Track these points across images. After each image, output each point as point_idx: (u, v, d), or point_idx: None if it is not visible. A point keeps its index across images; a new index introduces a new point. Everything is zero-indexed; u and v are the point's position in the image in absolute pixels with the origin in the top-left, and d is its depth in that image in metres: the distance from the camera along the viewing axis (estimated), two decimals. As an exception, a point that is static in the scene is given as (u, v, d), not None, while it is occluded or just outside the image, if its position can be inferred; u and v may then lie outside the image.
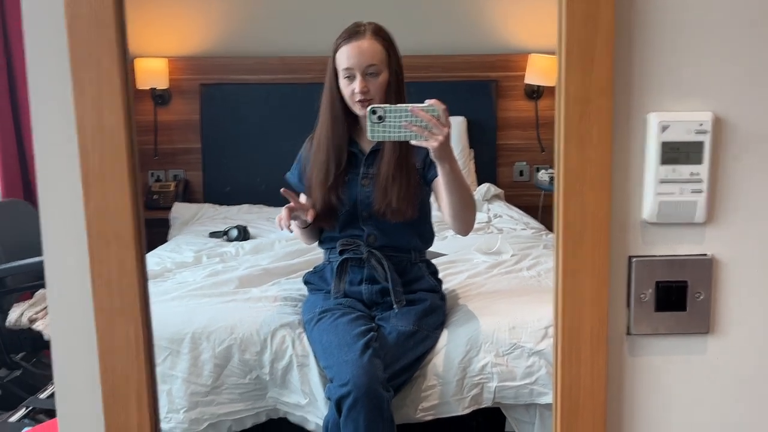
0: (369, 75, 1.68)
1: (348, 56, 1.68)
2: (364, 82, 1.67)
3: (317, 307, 1.77)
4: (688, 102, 0.81)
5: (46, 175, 0.82)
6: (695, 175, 0.82)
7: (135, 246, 0.82)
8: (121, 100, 0.78)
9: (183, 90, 3.42)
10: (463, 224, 1.72)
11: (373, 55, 1.68)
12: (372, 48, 1.69)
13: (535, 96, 3.41)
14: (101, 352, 0.85)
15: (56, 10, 0.77)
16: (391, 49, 1.72)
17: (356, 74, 1.68)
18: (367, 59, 1.68)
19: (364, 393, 1.54)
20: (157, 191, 3.31)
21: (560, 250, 0.83)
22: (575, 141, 0.80)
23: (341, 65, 1.69)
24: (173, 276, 2.16)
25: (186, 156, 3.44)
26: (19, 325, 2.26)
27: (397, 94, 1.71)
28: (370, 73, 1.68)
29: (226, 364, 1.72)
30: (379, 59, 1.69)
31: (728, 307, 0.86)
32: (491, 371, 1.71)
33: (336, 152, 1.73)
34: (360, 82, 1.67)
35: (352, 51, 1.68)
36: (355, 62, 1.67)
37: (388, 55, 1.71)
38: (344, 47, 1.69)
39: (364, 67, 1.68)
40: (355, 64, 1.67)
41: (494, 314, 1.80)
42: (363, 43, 1.68)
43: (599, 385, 0.85)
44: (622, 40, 0.80)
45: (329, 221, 1.78)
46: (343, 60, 1.69)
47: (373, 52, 1.68)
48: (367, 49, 1.68)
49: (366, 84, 1.67)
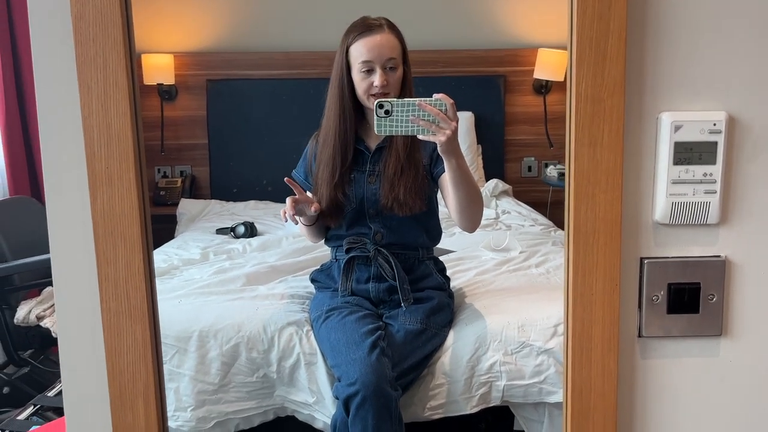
0: (388, 69, 1.68)
1: (368, 49, 1.68)
2: (384, 75, 1.67)
3: (324, 306, 1.76)
4: (702, 102, 0.80)
5: (53, 176, 0.82)
6: (708, 175, 0.81)
7: (142, 247, 0.82)
8: (127, 100, 0.77)
9: (189, 85, 3.42)
10: (470, 221, 1.71)
11: (392, 49, 1.69)
12: (390, 42, 1.69)
13: (544, 91, 3.39)
14: (108, 353, 0.85)
15: (63, 10, 0.77)
16: (404, 44, 1.73)
17: (376, 68, 1.67)
18: (387, 52, 1.68)
19: (372, 392, 1.53)
20: (164, 187, 3.32)
21: (571, 252, 0.82)
22: (586, 141, 0.79)
23: (358, 58, 1.68)
24: (180, 273, 2.16)
25: (192, 152, 3.44)
26: (27, 322, 2.27)
27: (409, 90, 1.73)
28: (389, 66, 1.68)
29: (233, 363, 1.72)
30: (397, 53, 1.70)
31: (741, 309, 0.85)
32: (500, 370, 1.70)
33: (342, 148, 1.73)
34: (381, 76, 1.67)
35: (372, 44, 1.68)
36: (376, 55, 1.67)
37: (403, 50, 1.72)
38: (361, 40, 1.69)
39: (384, 60, 1.68)
40: (375, 57, 1.67)
41: (503, 312, 1.79)
42: (382, 37, 1.68)
43: (610, 387, 0.84)
44: (634, 39, 0.78)
45: (336, 218, 1.77)
46: (362, 53, 1.68)
47: (391, 46, 1.69)
48: (386, 43, 1.68)
49: (386, 77, 1.67)
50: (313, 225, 1.79)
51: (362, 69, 1.68)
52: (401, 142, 1.71)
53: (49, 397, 1.86)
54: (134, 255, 0.82)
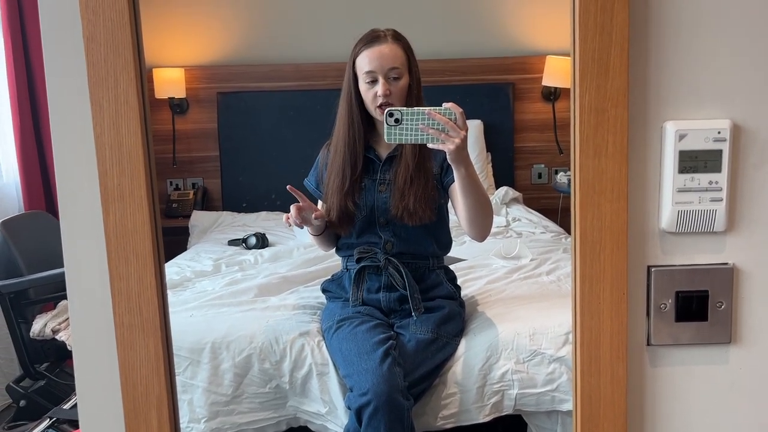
0: (391, 79, 1.70)
1: (370, 60, 1.70)
2: (386, 85, 1.69)
3: (336, 316, 1.77)
4: (705, 110, 0.81)
5: (66, 193, 0.83)
6: (714, 183, 0.81)
7: (154, 263, 0.83)
8: (138, 119, 0.79)
9: (200, 99, 3.45)
10: (479, 230, 1.71)
11: (394, 59, 1.71)
12: (393, 52, 1.71)
13: (553, 98, 3.39)
14: (122, 368, 0.86)
15: (74, 32, 0.78)
16: (411, 55, 1.75)
17: (379, 77, 1.69)
18: (389, 62, 1.70)
19: (384, 402, 1.54)
20: (176, 200, 3.34)
21: (578, 261, 0.82)
22: (591, 151, 0.79)
23: (363, 69, 1.70)
24: (192, 285, 2.18)
25: (204, 164, 3.46)
26: (42, 335, 2.29)
27: (417, 99, 1.74)
28: (392, 77, 1.70)
29: (246, 374, 1.73)
30: (401, 63, 1.72)
31: (750, 316, 0.85)
32: (512, 378, 1.70)
33: (352, 157, 1.74)
34: (383, 85, 1.68)
35: (374, 55, 1.70)
36: (378, 65, 1.69)
37: (408, 60, 1.74)
38: (365, 51, 1.71)
39: (387, 70, 1.69)
40: (377, 68, 1.69)
41: (514, 321, 1.79)
42: (385, 48, 1.71)
43: (619, 395, 0.84)
44: (636, 49, 0.79)
45: (346, 227, 1.78)
46: (365, 64, 1.70)
47: (394, 56, 1.71)
48: (389, 53, 1.70)
49: (388, 87, 1.68)
50: (321, 234, 1.80)
51: (366, 80, 1.70)
52: (410, 152, 1.72)
53: (65, 410, 1.88)
54: (146, 270, 0.83)
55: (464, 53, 3.41)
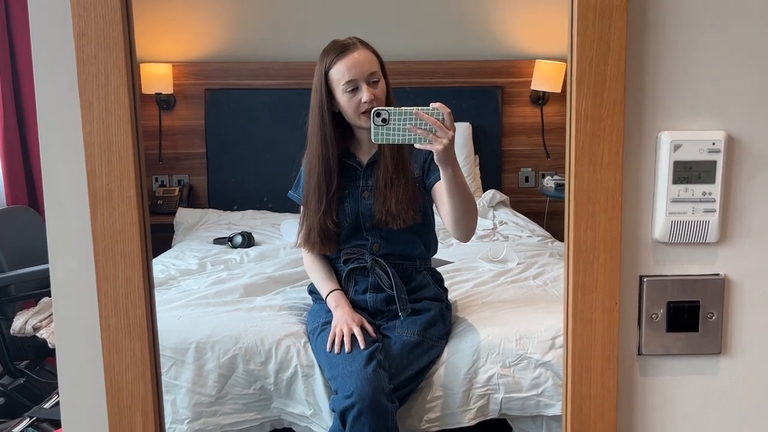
0: (371, 83, 1.69)
1: (348, 68, 1.69)
2: (370, 90, 1.68)
3: (321, 317, 1.76)
4: (701, 121, 0.81)
5: (53, 192, 0.82)
6: (708, 194, 0.81)
7: (142, 264, 0.82)
8: (128, 118, 0.77)
9: (188, 95, 3.43)
10: (464, 230, 1.71)
11: (371, 64, 1.71)
12: (368, 57, 1.72)
13: (541, 102, 3.40)
14: (107, 369, 0.84)
15: (64, 28, 0.77)
16: (380, 58, 1.75)
17: (361, 84, 1.69)
18: (368, 67, 1.70)
19: (369, 404, 1.53)
20: (161, 196, 3.31)
21: (571, 270, 0.82)
22: (586, 160, 0.79)
23: (341, 80, 1.69)
24: (177, 284, 2.16)
25: (190, 161, 3.44)
26: (23, 332, 2.26)
27: (391, 102, 1.75)
28: (372, 81, 1.70)
29: (230, 374, 1.71)
30: (377, 67, 1.73)
31: (741, 327, 0.85)
32: (497, 382, 1.70)
33: (327, 174, 1.73)
34: (367, 91, 1.68)
35: (351, 63, 1.69)
36: (358, 72, 1.68)
37: (381, 64, 1.74)
38: (340, 62, 1.70)
39: (367, 75, 1.69)
40: (357, 74, 1.68)
41: (500, 324, 1.79)
42: (358, 55, 1.70)
43: (610, 405, 0.84)
44: (633, 59, 0.79)
45: (328, 246, 1.77)
46: (343, 74, 1.69)
47: (370, 61, 1.71)
48: (365, 58, 1.71)
49: (372, 91, 1.68)
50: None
51: (347, 89, 1.69)
52: (389, 155, 1.72)
53: (45, 408, 1.85)
54: (134, 271, 0.82)
55: (454, 56, 3.41)
